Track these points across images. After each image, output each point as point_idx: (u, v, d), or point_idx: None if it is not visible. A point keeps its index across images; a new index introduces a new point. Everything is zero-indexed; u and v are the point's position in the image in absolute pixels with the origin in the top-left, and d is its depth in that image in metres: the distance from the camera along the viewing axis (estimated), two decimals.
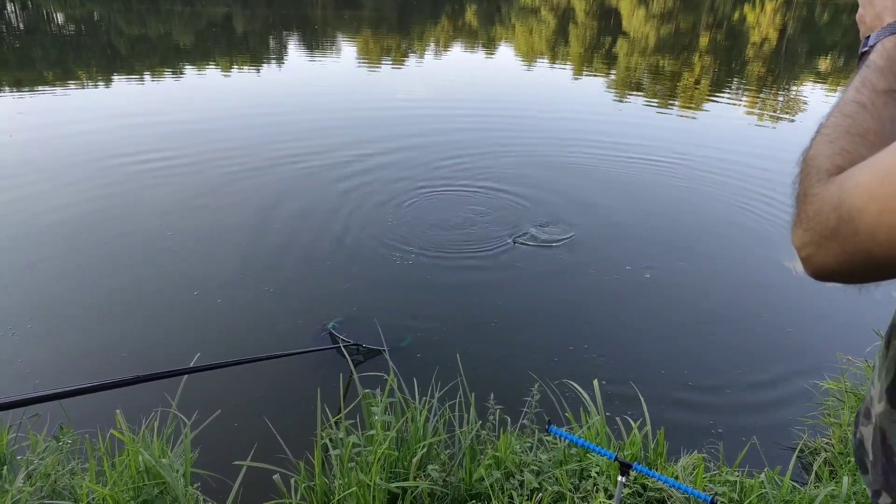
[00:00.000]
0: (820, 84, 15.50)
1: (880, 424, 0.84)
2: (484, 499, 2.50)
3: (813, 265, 0.74)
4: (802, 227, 0.75)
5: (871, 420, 0.88)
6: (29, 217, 5.71)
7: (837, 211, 0.68)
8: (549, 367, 3.82)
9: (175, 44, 18.56)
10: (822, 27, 31.41)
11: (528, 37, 26.25)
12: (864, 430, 0.90)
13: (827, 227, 0.69)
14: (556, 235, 5.67)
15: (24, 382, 3.51)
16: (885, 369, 0.84)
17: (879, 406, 0.84)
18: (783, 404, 3.65)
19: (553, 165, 7.83)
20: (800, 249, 0.75)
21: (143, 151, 7.66)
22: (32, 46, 16.12)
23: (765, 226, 6.26)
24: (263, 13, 27.53)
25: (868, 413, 0.90)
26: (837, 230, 0.68)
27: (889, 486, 0.82)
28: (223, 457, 2.68)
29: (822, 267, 0.72)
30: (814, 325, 4.64)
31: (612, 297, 4.81)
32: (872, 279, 0.70)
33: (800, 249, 0.75)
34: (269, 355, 3.14)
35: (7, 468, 2.42)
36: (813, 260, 0.73)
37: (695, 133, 10.21)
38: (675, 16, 33.71)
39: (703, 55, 20.41)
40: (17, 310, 4.28)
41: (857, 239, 0.66)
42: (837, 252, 0.69)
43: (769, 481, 2.55)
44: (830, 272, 0.72)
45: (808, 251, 0.73)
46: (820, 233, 0.71)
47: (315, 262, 5.10)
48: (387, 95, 12.60)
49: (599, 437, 2.73)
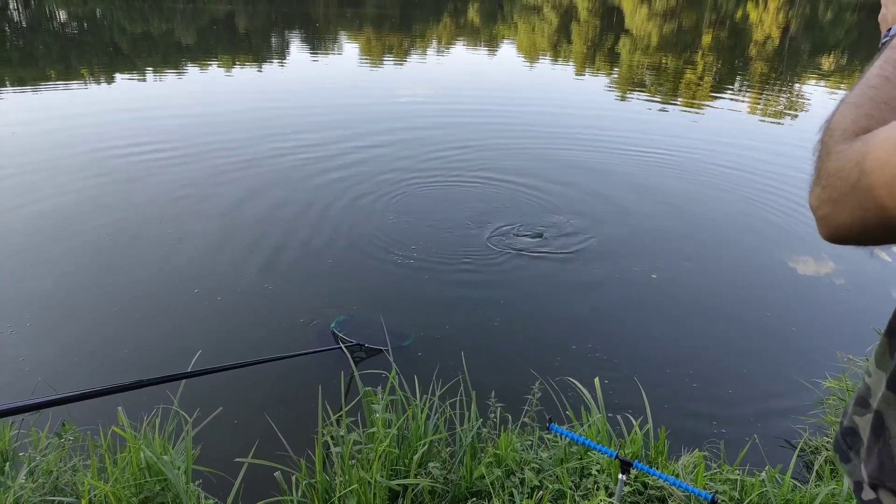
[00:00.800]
0: (823, 82, 15.47)
1: (878, 408, 0.84)
2: (484, 496, 2.50)
3: (829, 224, 0.75)
4: (821, 184, 0.76)
5: (868, 408, 0.88)
6: (29, 213, 5.72)
7: (860, 165, 0.69)
8: (551, 365, 3.82)
9: (177, 41, 18.57)
10: (826, 25, 31.32)
11: (530, 35, 26.22)
12: (859, 419, 0.91)
13: (847, 182, 0.71)
14: (562, 237, 5.66)
15: (28, 380, 3.52)
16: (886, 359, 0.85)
17: (879, 392, 0.85)
18: (784, 403, 3.65)
19: (555, 163, 7.82)
20: (817, 209, 0.77)
21: (143, 150, 7.66)
22: (35, 44, 16.14)
23: (768, 225, 6.25)
24: (265, 10, 27.52)
25: (864, 402, 0.90)
26: (857, 185, 0.69)
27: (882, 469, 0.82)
28: (224, 454, 2.68)
29: (838, 225, 0.74)
30: (814, 325, 4.63)
31: (616, 296, 4.80)
32: (885, 240, 0.72)
33: (817, 209, 0.77)
34: (271, 357, 3.14)
35: (9, 465, 2.42)
36: (829, 219, 0.75)
37: (696, 131, 10.20)
38: (677, 13, 33.63)
39: (705, 53, 20.36)
40: (16, 306, 4.29)
41: (874, 194, 0.67)
42: (854, 208, 0.70)
43: (770, 480, 2.55)
44: (845, 230, 0.73)
45: (825, 210, 0.75)
46: (839, 189, 0.72)
47: (317, 260, 5.10)
48: (389, 93, 12.60)
49: (600, 436, 2.73)
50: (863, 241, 0.73)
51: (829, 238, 0.77)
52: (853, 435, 0.92)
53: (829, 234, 0.76)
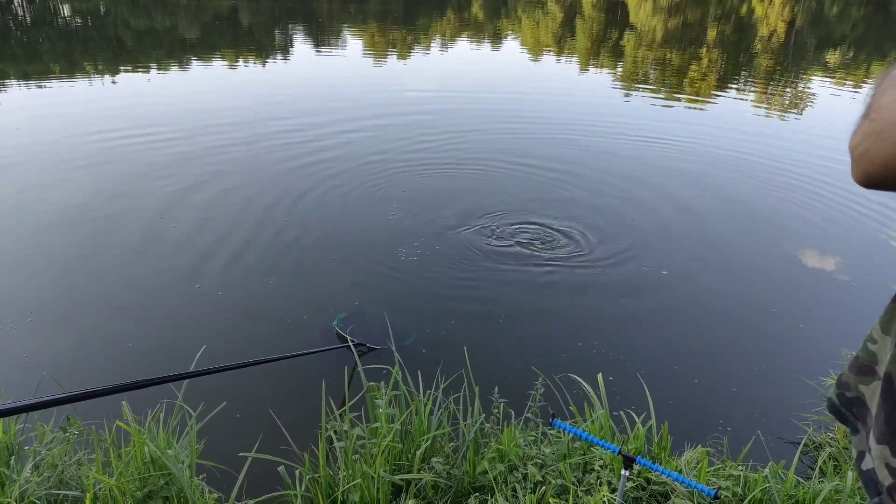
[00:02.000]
0: (829, 78, 15.39)
1: (888, 370, 0.84)
2: (487, 492, 2.51)
3: (866, 161, 0.74)
4: (869, 118, 0.75)
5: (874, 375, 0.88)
6: (32, 208, 5.74)
7: None
8: (554, 361, 3.82)
9: (181, 37, 18.57)
10: (832, 20, 31.14)
11: (534, 30, 26.15)
12: (865, 388, 0.90)
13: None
14: (569, 233, 5.65)
15: (32, 375, 3.53)
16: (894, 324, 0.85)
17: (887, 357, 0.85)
18: (787, 399, 3.64)
19: (561, 160, 7.80)
20: (857, 146, 0.76)
21: (147, 145, 7.69)
22: (39, 39, 16.16)
23: (776, 222, 6.23)
24: (269, 6, 27.49)
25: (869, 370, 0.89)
26: None
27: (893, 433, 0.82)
28: (228, 448, 2.69)
29: (875, 161, 0.73)
30: (818, 321, 4.62)
31: (621, 293, 4.79)
32: None
33: (857, 146, 0.76)
34: (276, 357, 3.15)
35: (15, 458, 2.44)
36: (867, 155, 0.74)
37: (701, 127, 10.15)
38: (682, 8, 33.47)
39: (710, 48, 20.27)
40: (20, 302, 4.31)
41: None
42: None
43: (773, 476, 2.55)
44: (881, 166, 0.72)
45: (867, 144, 0.74)
46: (886, 119, 0.71)
47: (321, 255, 5.10)
48: (396, 88, 12.56)
49: (603, 431, 2.74)
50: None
51: (863, 177, 0.76)
52: (860, 405, 0.92)
53: (864, 173, 0.75)
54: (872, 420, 0.87)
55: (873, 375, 0.88)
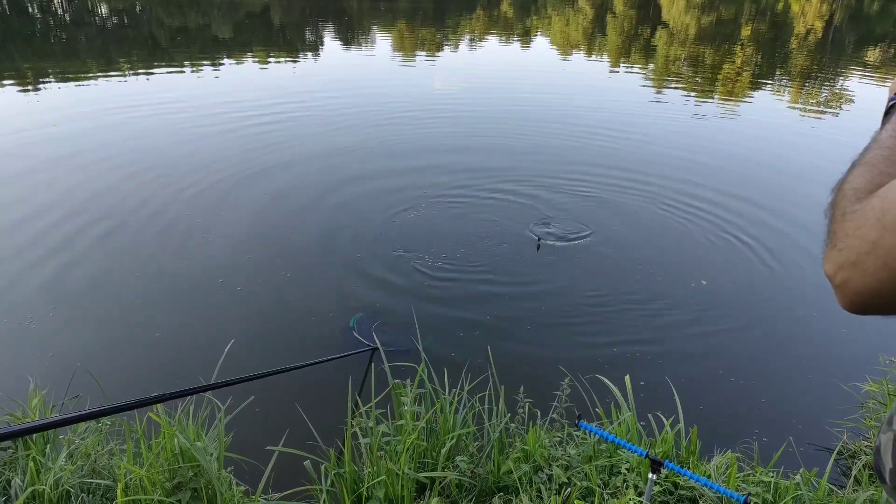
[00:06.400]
0: (868, 77, 14.98)
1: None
2: (512, 492, 2.50)
3: (849, 290, 0.70)
4: (837, 248, 0.71)
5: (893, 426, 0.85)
6: (65, 206, 5.88)
7: (881, 221, 0.65)
8: (581, 362, 3.78)
9: (214, 35, 18.85)
10: (873, 17, 30.31)
11: (564, 28, 25.96)
12: (884, 436, 0.87)
13: (867, 240, 0.67)
14: (601, 234, 5.60)
15: (64, 367, 3.62)
16: None
17: None
18: (821, 405, 3.55)
19: (596, 161, 7.73)
20: (834, 276, 0.72)
21: (178, 144, 7.83)
22: (78, 38, 16.55)
23: (815, 226, 6.06)
24: (300, 4, 27.75)
25: (890, 420, 0.87)
26: (878, 242, 0.65)
27: None
28: (255, 442, 2.72)
29: (859, 290, 0.69)
30: (855, 325, 4.49)
31: (649, 294, 4.72)
32: None
33: (834, 276, 0.72)
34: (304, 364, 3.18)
35: (50, 447, 2.50)
36: (849, 284, 0.70)
37: (738, 127, 9.96)
38: (716, 5, 32.89)
39: (745, 46, 19.89)
40: (44, 298, 4.42)
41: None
42: (878, 269, 0.65)
43: (805, 483, 2.49)
44: (867, 295, 0.68)
45: (844, 274, 0.70)
46: (858, 249, 0.68)
47: (347, 255, 5.13)
48: (425, 91, 12.56)
49: (630, 434, 2.70)
50: (888, 307, 0.68)
51: (851, 306, 0.71)
52: (878, 454, 0.89)
53: (850, 302, 0.71)
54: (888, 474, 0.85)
55: (891, 426, 0.86)
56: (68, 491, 2.28)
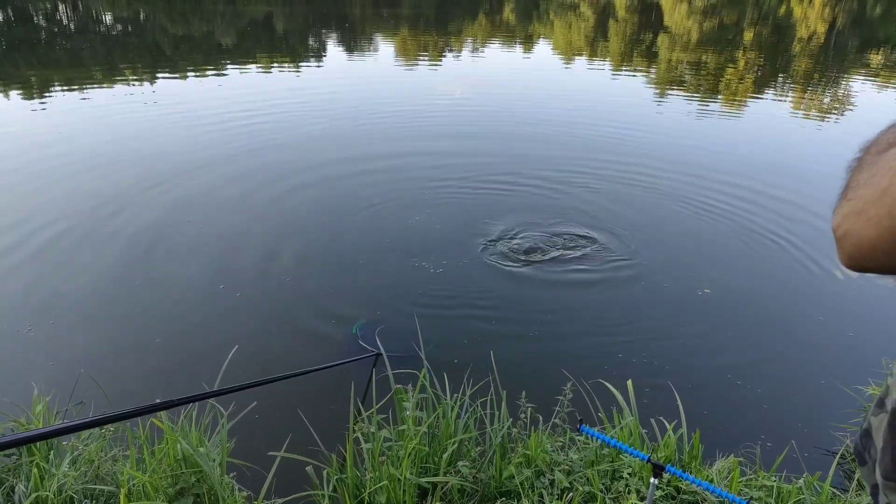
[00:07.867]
0: (871, 80, 14.96)
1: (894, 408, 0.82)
2: (514, 497, 2.50)
3: (850, 242, 0.69)
4: (847, 197, 0.70)
5: (884, 407, 0.85)
6: (70, 212, 5.91)
7: (894, 169, 0.64)
8: (583, 367, 3.78)
9: (217, 42, 18.94)
10: (875, 21, 30.28)
11: (566, 33, 26.00)
12: (874, 419, 0.87)
13: (877, 188, 0.65)
14: (604, 241, 5.59)
15: (68, 373, 3.63)
16: None
17: None
18: (824, 409, 3.55)
19: (597, 171, 7.73)
20: (837, 227, 0.71)
21: (181, 150, 7.86)
22: (82, 46, 16.64)
23: (820, 229, 6.05)
24: (303, 11, 27.87)
25: (881, 403, 0.87)
26: (888, 190, 0.64)
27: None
28: (258, 448, 2.73)
29: (860, 243, 0.67)
30: (859, 329, 4.48)
31: (651, 298, 4.72)
32: None
33: (837, 227, 0.71)
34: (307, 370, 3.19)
35: (54, 453, 2.51)
36: (850, 235, 0.68)
37: (739, 132, 9.96)
38: (718, 10, 32.91)
39: (747, 50, 19.89)
40: (47, 305, 4.44)
41: None
42: (881, 216, 0.64)
43: (808, 487, 2.49)
44: (868, 248, 0.67)
45: (848, 224, 0.69)
46: (866, 198, 0.66)
47: (348, 261, 5.14)
48: (426, 95, 12.58)
49: (632, 438, 2.70)
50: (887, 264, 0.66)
51: (850, 260, 0.70)
52: (866, 436, 0.89)
53: (850, 255, 0.69)
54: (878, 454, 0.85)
55: (883, 408, 0.86)
56: (72, 497, 2.29)
